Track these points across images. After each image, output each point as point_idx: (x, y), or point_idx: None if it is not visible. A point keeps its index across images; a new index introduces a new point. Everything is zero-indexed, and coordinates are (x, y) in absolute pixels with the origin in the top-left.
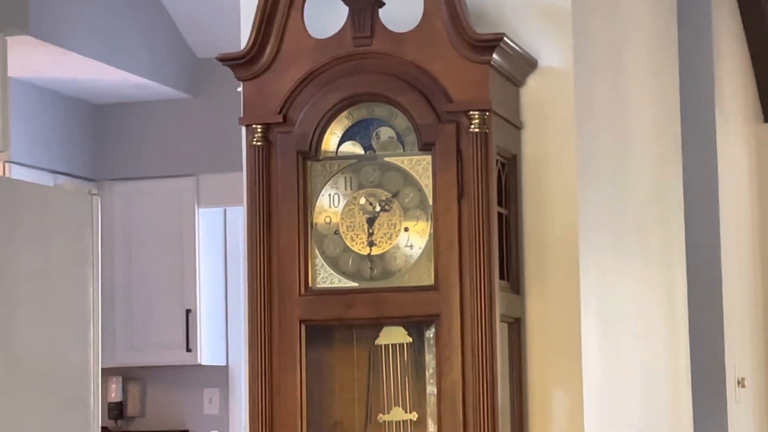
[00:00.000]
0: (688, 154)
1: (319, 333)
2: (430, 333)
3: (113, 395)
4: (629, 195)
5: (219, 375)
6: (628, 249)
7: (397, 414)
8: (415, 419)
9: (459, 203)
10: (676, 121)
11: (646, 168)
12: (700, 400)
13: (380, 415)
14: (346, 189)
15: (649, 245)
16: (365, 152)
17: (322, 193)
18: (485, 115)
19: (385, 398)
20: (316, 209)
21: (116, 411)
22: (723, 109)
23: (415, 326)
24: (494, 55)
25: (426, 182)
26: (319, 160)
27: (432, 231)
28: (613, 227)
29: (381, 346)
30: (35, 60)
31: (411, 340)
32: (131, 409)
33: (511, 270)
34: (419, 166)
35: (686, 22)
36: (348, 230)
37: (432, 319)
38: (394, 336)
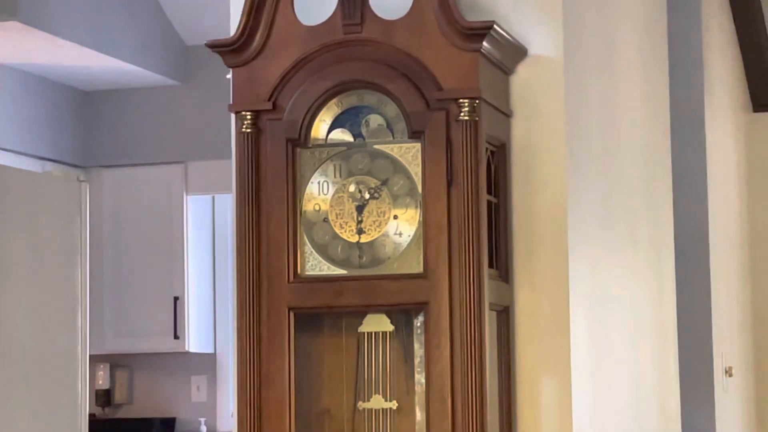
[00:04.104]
0: (677, 144)
1: (308, 320)
2: (418, 321)
3: (101, 382)
4: (619, 184)
5: (207, 362)
6: (617, 237)
7: (377, 402)
8: (395, 408)
9: (448, 191)
10: (665, 111)
11: (635, 157)
12: (687, 389)
13: (360, 402)
14: (335, 176)
15: (637, 234)
16: (355, 140)
17: (311, 181)
18: (475, 103)
19: (365, 386)
20: (305, 197)
21: (104, 398)
22: (712, 98)
23: (403, 314)
24: (484, 43)
25: (415, 170)
26: (308, 148)
27: (421, 219)
28: (602, 216)
29: (364, 333)
30: (24, 46)
31: (393, 328)
32: (119, 396)
33: (500, 258)
34: (409, 154)
35: (676, 12)
36: (337, 218)
37: (421, 306)
38: (376, 324)
